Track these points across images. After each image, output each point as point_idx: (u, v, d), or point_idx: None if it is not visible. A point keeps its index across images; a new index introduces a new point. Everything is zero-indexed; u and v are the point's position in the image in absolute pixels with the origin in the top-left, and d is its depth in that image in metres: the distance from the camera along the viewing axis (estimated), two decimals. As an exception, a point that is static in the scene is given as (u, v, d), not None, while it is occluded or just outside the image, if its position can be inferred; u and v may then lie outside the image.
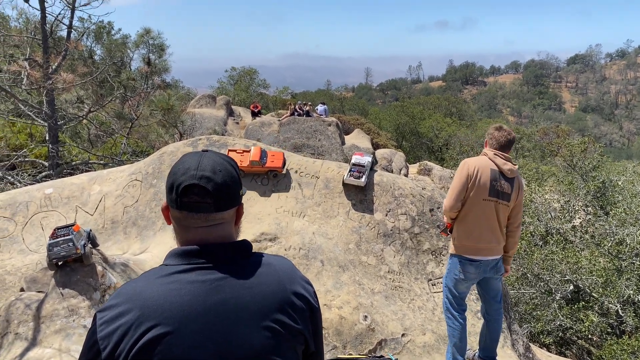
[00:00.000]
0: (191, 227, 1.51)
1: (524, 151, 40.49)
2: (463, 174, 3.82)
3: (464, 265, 3.97)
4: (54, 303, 4.08)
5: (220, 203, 1.51)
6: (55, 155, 10.21)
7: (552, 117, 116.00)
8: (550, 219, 12.47)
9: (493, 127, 4.17)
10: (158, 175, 5.96)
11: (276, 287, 1.51)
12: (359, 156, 5.70)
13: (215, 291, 1.44)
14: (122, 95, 12.18)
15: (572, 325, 9.96)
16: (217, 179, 1.50)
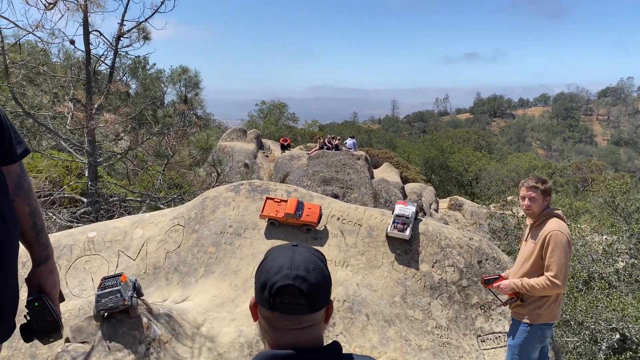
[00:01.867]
0: (282, 329, 1.44)
1: (556, 186, 39.71)
2: (567, 248, 3.70)
3: (544, 332, 3.84)
4: (100, 356, 4.03)
5: (314, 304, 1.44)
6: (94, 193, 10.37)
7: (584, 150, 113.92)
8: (592, 262, 12.03)
9: (547, 179, 3.99)
10: (200, 220, 5.95)
11: None
12: (402, 205, 5.55)
13: None
14: (159, 132, 12.41)
15: (621, 377, 9.45)
16: (311, 278, 1.44)
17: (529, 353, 3.90)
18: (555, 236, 3.68)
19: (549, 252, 3.69)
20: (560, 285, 3.66)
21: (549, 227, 3.75)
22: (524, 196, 3.98)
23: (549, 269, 3.69)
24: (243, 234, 5.75)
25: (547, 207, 3.90)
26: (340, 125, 61.57)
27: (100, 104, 10.17)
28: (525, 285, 3.79)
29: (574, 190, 38.80)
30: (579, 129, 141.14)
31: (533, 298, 3.83)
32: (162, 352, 4.28)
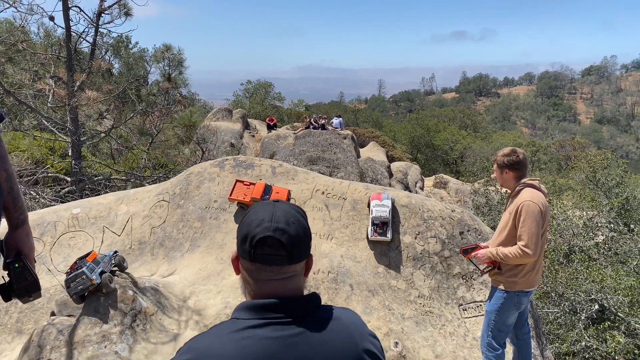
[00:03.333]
0: (263, 280, 1.49)
1: (540, 164, 40.16)
2: (538, 218, 3.74)
3: (520, 298, 3.93)
4: (85, 329, 4.06)
5: (293, 255, 1.49)
6: (78, 172, 10.28)
7: (567, 128, 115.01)
8: (573, 236, 12.27)
9: (509, 152, 3.97)
10: (185, 195, 5.96)
11: (348, 344, 1.47)
12: (377, 201, 5.42)
13: (291, 348, 1.40)
14: (142, 111, 12.29)
15: (598, 346, 9.74)
16: (290, 231, 1.48)
17: (505, 318, 4.00)
18: (527, 206, 3.74)
19: (521, 222, 3.77)
20: (531, 254, 3.72)
21: (522, 197, 3.82)
22: (494, 171, 4.10)
23: (521, 238, 3.76)
24: (228, 208, 5.77)
25: (519, 178, 3.94)
26: (326, 105, 61.37)
27: (82, 82, 10.03)
28: (500, 254, 3.88)
29: (557, 167, 39.31)
30: (563, 108, 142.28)
31: (509, 266, 3.92)
32: (149, 324, 4.33)
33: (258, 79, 44.89)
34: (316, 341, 1.43)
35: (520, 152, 4.00)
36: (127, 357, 4.00)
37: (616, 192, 13.31)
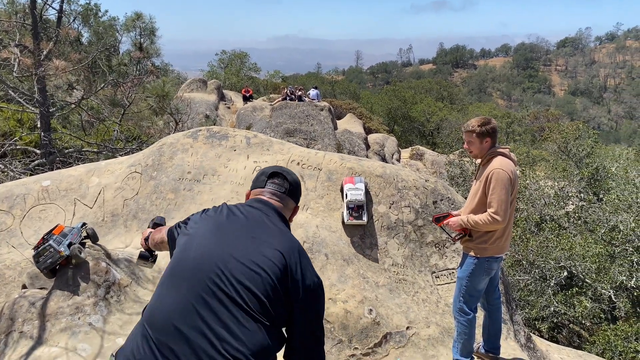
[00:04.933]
0: None
1: (514, 135, 40.73)
2: (507, 185, 3.79)
3: (490, 264, 4.01)
4: (58, 301, 4.02)
5: (292, 192, 2.30)
6: (48, 144, 10.04)
7: (542, 100, 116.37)
8: (544, 206, 12.57)
9: (486, 121, 4.00)
10: (158, 167, 5.87)
11: (282, 249, 2.01)
12: (350, 185, 5.36)
13: (251, 221, 2.13)
14: (114, 81, 11.98)
15: (566, 310, 10.10)
16: (293, 176, 2.35)
17: (476, 284, 4.09)
18: (496, 174, 3.79)
19: (491, 190, 3.82)
20: (501, 220, 3.79)
21: (492, 165, 3.86)
22: (464, 140, 4.12)
23: (490, 205, 3.83)
24: (202, 180, 5.72)
25: (490, 147, 3.99)
26: (303, 77, 60.76)
27: (50, 51, 9.70)
28: (471, 221, 3.94)
29: (531, 139, 39.92)
30: (538, 80, 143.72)
31: (480, 233, 3.99)
32: (123, 295, 4.31)
33: (233, 49, 44.07)
34: (266, 231, 2.07)
35: (492, 119, 4.07)
36: (102, 328, 3.98)
37: (587, 162, 13.61)
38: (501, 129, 39.65)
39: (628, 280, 10.26)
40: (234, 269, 1.88)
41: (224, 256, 1.92)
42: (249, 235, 2.02)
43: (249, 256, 1.93)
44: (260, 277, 1.87)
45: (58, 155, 10.54)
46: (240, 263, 1.90)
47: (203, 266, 1.90)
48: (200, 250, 1.97)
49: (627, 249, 10.78)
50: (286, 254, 1.98)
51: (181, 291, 1.86)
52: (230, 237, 2.01)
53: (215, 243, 1.99)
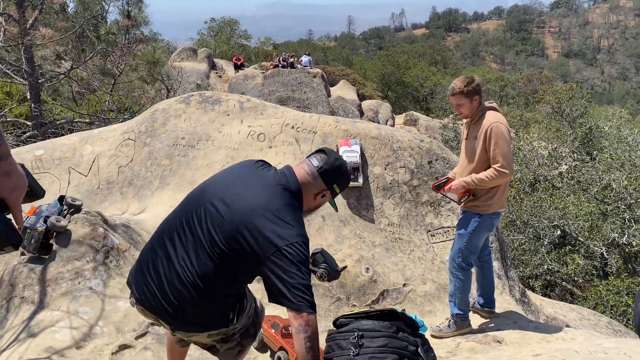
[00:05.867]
0: None
1: (508, 98, 40.59)
2: (508, 137, 3.80)
3: (493, 220, 4.02)
4: (57, 266, 4.05)
5: (325, 171, 2.32)
6: (38, 115, 9.93)
7: (535, 63, 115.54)
8: (538, 166, 12.64)
9: (470, 79, 3.93)
10: (151, 133, 5.84)
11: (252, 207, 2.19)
12: (346, 147, 5.35)
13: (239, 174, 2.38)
14: (103, 51, 11.78)
15: (559, 268, 10.28)
16: (337, 162, 2.38)
17: (477, 241, 4.10)
18: (495, 128, 3.76)
19: (493, 145, 3.78)
20: (509, 173, 3.80)
21: (488, 120, 3.82)
22: (452, 103, 4.04)
23: (496, 160, 3.79)
24: (196, 145, 5.70)
25: (479, 104, 3.94)
26: (295, 44, 59.88)
27: (36, 19, 9.50)
28: (475, 180, 3.88)
29: (524, 102, 39.81)
30: (532, 42, 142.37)
31: (484, 190, 3.95)
32: (122, 260, 4.34)
33: (223, 17, 43.28)
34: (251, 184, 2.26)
35: (474, 76, 4.02)
36: (102, 292, 4.03)
37: (580, 123, 13.64)
38: (494, 92, 39.50)
39: (620, 237, 10.42)
40: (210, 211, 2.20)
41: (211, 198, 2.24)
42: (240, 186, 2.25)
43: (228, 207, 2.18)
44: (225, 229, 2.13)
45: (50, 127, 10.44)
46: (215, 208, 2.19)
47: (197, 198, 2.32)
48: (202, 185, 2.40)
49: (619, 207, 10.92)
50: (254, 216, 2.11)
51: (178, 213, 2.36)
52: (224, 184, 2.30)
53: (213, 183, 2.35)
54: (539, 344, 3.70)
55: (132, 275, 2.40)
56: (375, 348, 1.81)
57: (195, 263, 2.17)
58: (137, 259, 2.45)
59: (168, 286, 2.21)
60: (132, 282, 2.38)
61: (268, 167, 2.38)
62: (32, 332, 3.68)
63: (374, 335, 1.85)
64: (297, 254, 2.03)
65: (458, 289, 4.18)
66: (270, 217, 2.08)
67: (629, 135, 12.67)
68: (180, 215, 2.31)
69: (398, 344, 1.85)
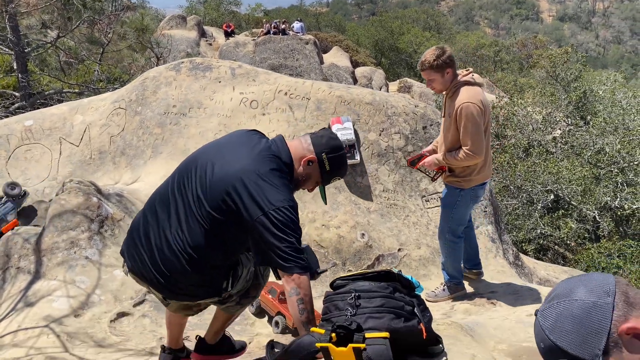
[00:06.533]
0: None
1: (502, 64, 40.25)
2: (479, 118, 3.59)
3: (476, 192, 3.95)
4: (52, 236, 4.04)
5: (316, 137, 2.33)
6: (26, 85, 9.76)
7: (530, 27, 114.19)
8: (532, 132, 12.63)
9: (440, 52, 3.67)
10: (142, 102, 5.75)
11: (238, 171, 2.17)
12: (339, 125, 5.20)
13: None
14: (90, 19, 11.51)
15: (552, 232, 10.39)
16: (331, 137, 2.38)
17: (463, 214, 4.04)
18: (465, 109, 3.57)
19: (462, 127, 3.62)
20: (477, 156, 3.66)
21: (459, 99, 3.62)
22: (425, 79, 3.82)
23: (465, 142, 3.65)
24: (188, 113, 5.63)
25: (453, 77, 3.72)
26: (286, 10, 58.73)
27: (18, -14, 9.23)
28: (447, 159, 3.80)
29: (518, 67, 39.52)
30: (526, 6, 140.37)
31: (461, 168, 3.85)
32: (117, 229, 4.33)
33: (211, -17, 42.27)
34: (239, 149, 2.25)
35: (445, 47, 3.78)
36: (98, 261, 4.03)
37: (575, 87, 13.56)
38: (489, 57, 39.14)
39: (612, 200, 10.51)
40: (199, 175, 2.20)
41: (200, 163, 2.24)
42: (231, 152, 2.25)
43: (216, 171, 2.18)
44: (213, 193, 2.13)
45: (39, 98, 10.28)
46: (205, 172, 2.19)
47: (188, 166, 2.31)
48: (194, 153, 2.40)
49: (612, 171, 10.98)
50: (240, 178, 2.10)
51: (169, 181, 2.35)
52: (214, 150, 2.32)
53: (204, 151, 2.37)
54: (533, 305, 3.76)
55: (125, 243, 2.41)
56: (373, 308, 1.82)
57: (186, 230, 2.17)
58: (130, 227, 2.45)
59: (159, 255, 2.21)
60: (125, 251, 2.38)
61: (260, 136, 2.35)
62: (29, 302, 3.69)
63: (371, 295, 1.86)
64: (285, 218, 2.01)
65: (449, 258, 4.20)
66: (258, 181, 2.06)
67: (623, 99, 12.63)
68: (172, 183, 2.31)
69: (395, 304, 1.86)
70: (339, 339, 1.78)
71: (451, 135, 3.78)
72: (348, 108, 5.51)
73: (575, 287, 1.14)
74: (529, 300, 4.02)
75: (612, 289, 1.09)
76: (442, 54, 3.65)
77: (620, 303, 1.07)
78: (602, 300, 1.08)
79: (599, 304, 1.08)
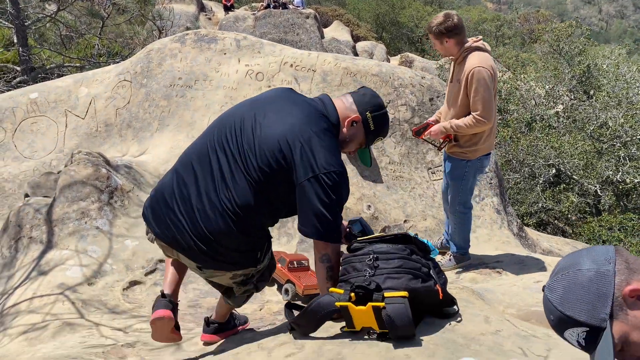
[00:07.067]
0: None
1: (504, 39, 39.84)
2: (490, 83, 3.54)
3: (482, 162, 3.93)
4: (63, 207, 4.08)
5: (358, 96, 2.32)
6: (27, 59, 9.69)
7: (532, 1, 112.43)
8: (535, 106, 12.59)
9: (443, 18, 3.61)
10: (147, 74, 5.73)
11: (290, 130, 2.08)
12: None
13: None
14: (89, -9, 11.37)
15: (554, 206, 10.45)
16: (367, 91, 2.41)
17: (471, 184, 4.01)
18: (477, 73, 3.51)
19: (473, 92, 3.57)
20: (487, 122, 3.62)
21: (470, 63, 3.57)
22: (433, 43, 3.79)
23: (475, 108, 3.60)
24: (194, 85, 5.61)
25: (460, 44, 3.66)
26: (285, -16, 57.81)
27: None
28: (454, 126, 3.73)
29: (520, 42, 39.14)
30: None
31: (467, 137, 3.80)
32: (127, 200, 4.37)
33: (210, -44, 41.47)
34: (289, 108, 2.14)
35: (453, 14, 3.69)
36: (109, 231, 4.08)
37: (578, 60, 13.46)
38: (490, 32, 38.69)
39: (614, 174, 10.54)
40: (246, 128, 2.08)
41: (244, 117, 2.12)
42: (280, 107, 2.12)
43: (266, 125, 2.06)
44: (262, 148, 2.02)
45: (40, 72, 10.22)
46: (252, 126, 2.07)
47: (228, 120, 2.18)
48: (234, 109, 2.27)
49: (615, 145, 10.99)
50: (292, 136, 1.99)
51: (206, 137, 2.19)
52: (259, 104, 2.18)
53: (245, 105, 2.23)
54: (539, 273, 3.81)
55: (149, 208, 2.25)
56: (391, 269, 1.86)
57: (232, 188, 2.03)
58: (153, 190, 2.29)
59: (200, 216, 2.06)
60: (150, 217, 2.22)
61: (302, 95, 2.27)
62: (42, 270, 3.75)
63: (389, 257, 1.89)
64: (334, 183, 1.94)
65: (459, 229, 4.21)
66: (312, 140, 1.97)
67: (627, 73, 12.56)
68: (211, 140, 2.14)
69: (412, 265, 1.89)
70: (358, 299, 1.82)
71: (460, 102, 3.73)
72: (354, 80, 5.49)
73: (578, 259, 1.20)
74: (535, 269, 4.06)
75: (613, 257, 1.16)
76: (444, 22, 3.59)
77: (621, 269, 1.14)
78: (604, 268, 1.14)
79: (601, 271, 1.14)
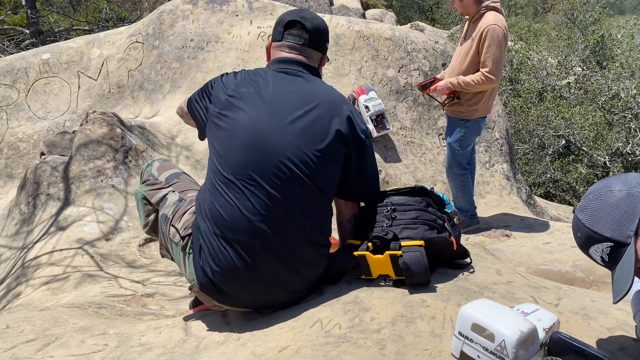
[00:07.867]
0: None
1: (516, 8, 39.04)
2: (503, 42, 3.59)
3: (479, 124, 3.99)
4: (79, 165, 4.14)
5: (312, 41, 1.96)
6: (36, 22, 9.65)
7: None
8: (547, 76, 12.45)
9: None
10: (160, 36, 5.71)
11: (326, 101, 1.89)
12: (365, 97, 4.94)
13: (289, 83, 1.89)
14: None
15: (562, 177, 10.45)
16: (314, 22, 1.97)
17: (468, 144, 4.07)
18: (492, 30, 3.57)
19: (485, 48, 3.62)
20: (495, 80, 3.67)
21: (486, 21, 3.63)
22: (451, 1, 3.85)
23: (485, 64, 3.65)
24: (206, 47, 5.60)
25: (478, 2, 3.74)
26: (294, -51, 56.63)
27: None
28: (461, 82, 3.77)
29: (533, 12, 38.34)
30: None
31: (469, 95, 3.85)
32: (141, 160, 4.42)
33: None
34: (305, 86, 1.89)
35: None
36: (124, 190, 4.14)
37: (592, 30, 13.23)
38: (503, 2, 37.91)
39: (624, 146, 10.49)
40: (292, 153, 1.75)
41: (281, 142, 1.76)
42: (299, 109, 1.82)
43: (304, 135, 1.79)
44: (320, 152, 1.78)
45: (49, 35, 10.18)
46: (296, 144, 1.77)
47: (264, 160, 1.75)
48: (256, 143, 1.76)
49: (626, 116, 10.89)
50: (339, 117, 1.83)
51: (249, 189, 1.74)
52: (282, 118, 1.80)
53: (269, 134, 1.77)
54: (547, 235, 3.87)
55: (217, 274, 1.78)
56: (408, 220, 1.90)
57: (317, 217, 1.83)
58: (204, 248, 1.79)
59: (290, 261, 1.79)
60: (222, 285, 1.79)
61: (279, 78, 1.91)
62: (61, 226, 3.83)
63: (406, 208, 1.94)
64: (371, 147, 1.96)
65: (461, 192, 4.27)
66: (351, 108, 1.90)
67: (642, 43, 12.35)
68: (263, 190, 1.75)
69: (428, 217, 1.94)
70: (375, 248, 1.87)
71: (470, 58, 3.78)
72: (367, 43, 5.46)
73: (610, 182, 1.26)
74: (543, 233, 4.12)
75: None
76: None
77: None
78: (635, 190, 1.20)
79: (632, 192, 1.20)
